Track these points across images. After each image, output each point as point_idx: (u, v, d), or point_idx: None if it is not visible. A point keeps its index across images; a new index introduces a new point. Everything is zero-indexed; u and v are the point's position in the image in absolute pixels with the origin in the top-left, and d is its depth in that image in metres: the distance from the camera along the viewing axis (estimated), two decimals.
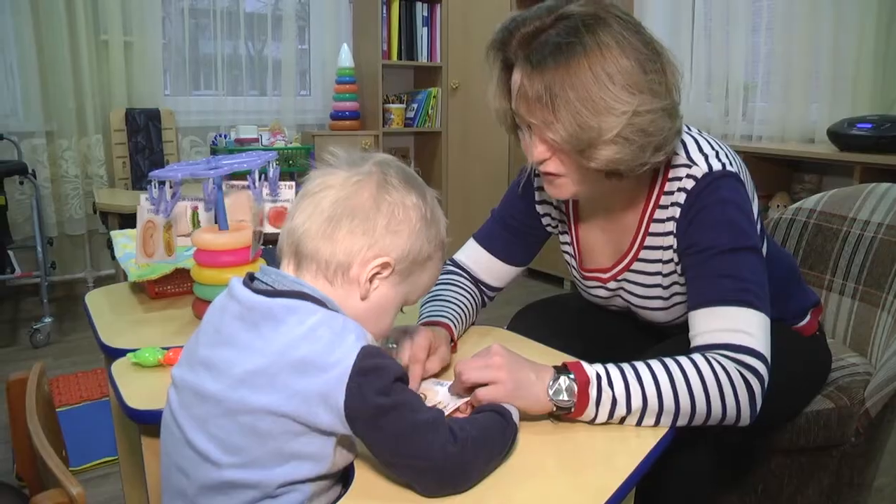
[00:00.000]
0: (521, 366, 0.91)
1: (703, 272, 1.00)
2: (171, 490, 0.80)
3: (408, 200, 0.83)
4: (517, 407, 0.88)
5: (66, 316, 3.28)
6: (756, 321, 0.95)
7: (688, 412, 0.91)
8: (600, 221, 1.20)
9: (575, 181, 1.03)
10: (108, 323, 1.26)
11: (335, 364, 0.72)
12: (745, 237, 1.00)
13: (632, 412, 0.90)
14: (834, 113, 2.83)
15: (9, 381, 0.88)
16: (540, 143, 1.01)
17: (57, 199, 3.51)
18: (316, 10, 4.13)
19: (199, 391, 0.77)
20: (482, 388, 0.88)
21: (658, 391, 0.90)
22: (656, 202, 1.09)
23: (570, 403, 0.89)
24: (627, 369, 0.92)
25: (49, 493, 0.61)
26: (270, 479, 0.73)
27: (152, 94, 3.65)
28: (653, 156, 0.98)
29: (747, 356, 0.93)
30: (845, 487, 1.35)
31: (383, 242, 0.81)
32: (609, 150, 0.95)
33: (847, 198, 1.63)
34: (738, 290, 0.97)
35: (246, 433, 0.73)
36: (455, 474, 0.75)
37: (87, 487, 1.87)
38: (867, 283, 1.52)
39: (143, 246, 1.41)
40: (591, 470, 0.82)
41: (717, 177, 1.02)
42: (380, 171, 0.83)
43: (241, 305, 0.78)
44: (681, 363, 0.93)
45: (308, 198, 0.82)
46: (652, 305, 1.18)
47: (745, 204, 1.03)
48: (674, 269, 1.11)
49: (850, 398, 1.31)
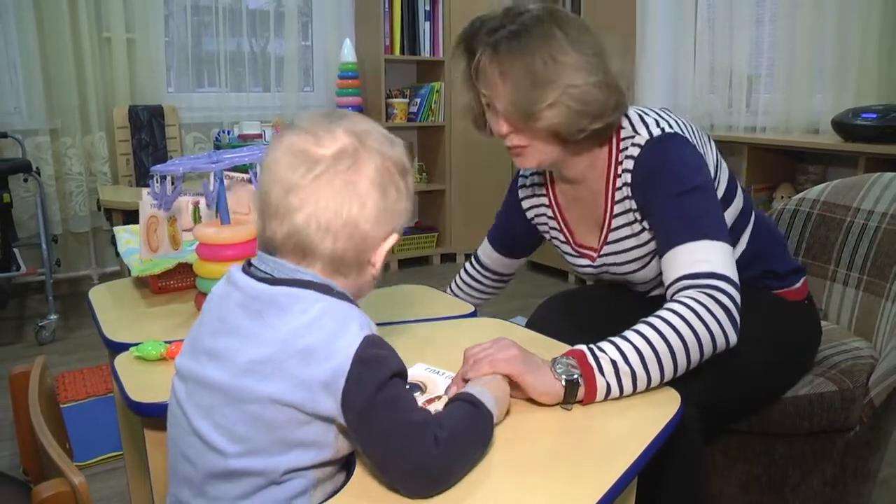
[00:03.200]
0: (528, 352, 0.96)
1: (660, 222, 1.15)
2: (178, 478, 0.81)
3: (391, 161, 0.81)
4: (529, 384, 0.91)
5: (71, 313, 3.29)
6: (712, 248, 1.07)
7: (681, 348, 0.98)
8: (577, 202, 1.33)
9: (536, 150, 1.19)
10: (111, 318, 1.27)
11: (338, 352, 0.73)
12: (688, 181, 1.13)
13: (634, 369, 0.96)
14: (838, 103, 2.81)
15: (11, 374, 0.89)
16: (501, 119, 1.18)
17: (61, 196, 3.52)
18: (318, 5, 4.13)
19: (204, 381, 0.77)
20: (499, 357, 0.92)
21: (646, 340, 0.98)
22: (615, 173, 1.23)
23: (576, 373, 0.94)
24: (612, 338, 1.00)
25: (51, 483, 0.61)
26: (275, 467, 0.74)
27: (155, 90, 3.65)
28: (591, 123, 1.14)
29: (710, 279, 1.04)
30: (850, 478, 1.35)
31: (393, 220, 0.81)
32: (550, 114, 1.12)
33: (851, 188, 1.62)
34: (690, 228, 1.09)
35: (251, 422, 0.74)
36: (439, 475, 0.74)
37: (92, 482, 1.88)
38: (871, 273, 1.52)
39: (147, 241, 1.41)
40: (590, 462, 0.82)
41: (657, 141, 1.17)
42: (357, 141, 0.79)
43: (242, 294, 0.78)
44: (657, 314, 1.02)
45: (300, 192, 0.76)
46: (632, 268, 1.28)
47: (686, 153, 1.16)
48: (641, 228, 1.23)
49: (854, 381, 1.31)
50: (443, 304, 1.40)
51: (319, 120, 0.81)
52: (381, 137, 0.82)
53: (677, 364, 0.98)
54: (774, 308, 1.30)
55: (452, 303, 1.42)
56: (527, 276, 3.97)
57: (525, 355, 0.94)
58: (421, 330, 1.24)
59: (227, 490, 0.75)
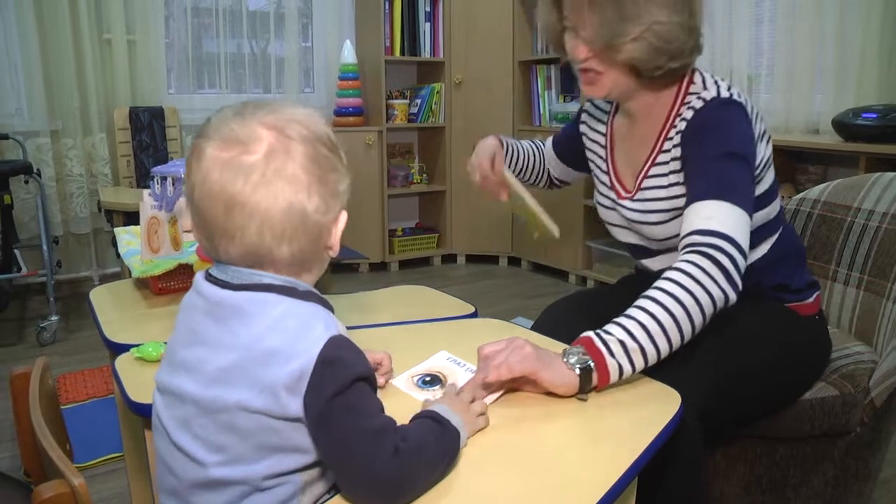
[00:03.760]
0: (540, 348, 0.98)
1: (692, 177, 1.17)
2: (165, 489, 0.80)
3: (320, 142, 0.77)
4: (545, 380, 0.93)
5: (72, 314, 3.29)
6: (728, 211, 1.08)
7: (684, 316, 1.00)
8: (628, 140, 1.36)
9: (609, 79, 1.22)
10: (112, 318, 1.27)
11: (302, 352, 0.71)
12: (732, 146, 1.15)
13: (642, 345, 0.98)
14: (838, 103, 2.81)
15: (12, 375, 0.89)
16: (582, 44, 1.20)
17: (62, 197, 3.52)
18: (318, 6, 4.13)
19: (178, 393, 0.77)
20: (514, 360, 0.93)
21: (649, 314, 1.00)
22: (670, 123, 1.26)
23: (587, 360, 0.96)
24: (616, 319, 1.02)
25: (51, 484, 0.61)
26: (255, 473, 0.72)
27: (156, 92, 3.66)
28: (668, 62, 1.17)
29: (713, 238, 1.05)
30: (851, 478, 1.35)
31: (340, 200, 0.79)
32: (631, 48, 1.15)
33: (852, 188, 1.62)
34: (717, 188, 1.11)
35: (226, 431, 0.72)
36: (396, 489, 0.71)
37: (93, 483, 1.88)
38: (872, 272, 1.51)
39: (148, 241, 1.41)
40: (591, 462, 0.82)
41: (723, 101, 1.20)
42: (279, 133, 0.75)
43: (207, 301, 0.77)
44: (656, 286, 1.04)
45: (244, 206, 0.72)
46: (652, 220, 1.29)
47: (742, 124, 1.18)
48: (675, 182, 1.24)
49: (855, 385, 1.31)
50: (443, 305, 1.40)
51: (231, 121, 0.76)
52: (300, 119, 0.77)
53: (682, 332, 1.01)
54: (785, 321, 1.29)
55: (453, 304, 1.42)
56: (527, 276, 3.97)
57: (538, 352, 0.96)
58: (421, 331, 1.24)
59: (212, 500, 0.74)
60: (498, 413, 0.91)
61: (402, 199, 4.43)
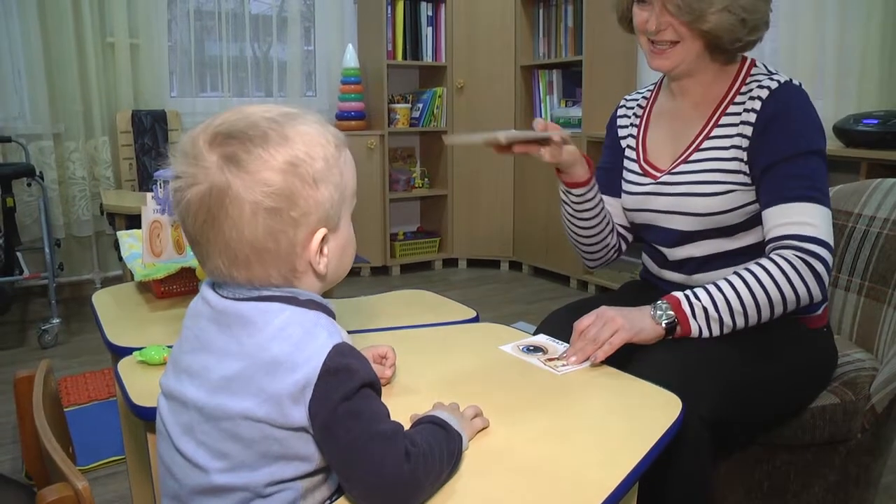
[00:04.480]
0: (627, 310, 1.13)
1: (776, 174, 1.21)
2: (167, 493, 0.80)
3: (279, 159, 0.72)
4: (639, 342, 1.10)
5: (74, 317, 3.30)
6: (818, 213, 1.17)
7: (766, 302, 1.12)
8: (670, 117, 1.38)
9: (683, 49, 1.25)
10: (114, 322, 1.27)
11: (306, 362, 0.71)
12: (813, 143, 1.22)
13: (722, 317, 1.12)
14: (839, 109, 2.81)
15: (16, 379, 0.89)
16: (662, 13, 1.23)
17: (64, 200, 3.53)
18: (321, 10, 4.14)
19: (183, 399, 0.77)
20: (608, 336, 1.08)
21: (736, 292, 1.12)
22: (730, 99, 1.29)
23: (673, 317, 1.12)
24: (707, 286, 1.15)
25: (55, 487, 0.61)
26: (257, 480, 0.72)
27: (158, 95, 3.67)
28: (749, 34, 1.21)
29: (809, 244, 1.15)
30: (851, 485, 1.35)
31: (304, 225, 0.74)
32: (717, 18, 1.18)
33: (853, 193, 1.62)
34: (804, 188, 1.18)
35: (229, 438, 0.73)
36: (406, 492, 0.71)
37: (95, 486, 1.88)
38: (873, 279, 1.52)
39: (150, 245, 1.42)
40: (591, 467, 0.82)
41: (795, 88, 1.24)
42: (223, 163, 0.72)
43: (212, 309, 0.77)
44: (749, 268, 1.15)
45: (202, 244, 0.74)
46: (698, 191, 1.29)
47: (814, 111, 1.24)
48: (733, 157, 1.26)
49: (856, 393, 1.31)
50: (444, 310, 1.40)
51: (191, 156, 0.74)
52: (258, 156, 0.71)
53: (761, 317, 1.13)
54: (792, 334, 1.28)
55: (454, 308, 1.42)
56: (527, 280, 3.97)
57: (626, 320, 1.10)
58: (423, 335, 1.25)
59: None
60: (498, 418, 0.91)
61: (403, 203, 4.43)
